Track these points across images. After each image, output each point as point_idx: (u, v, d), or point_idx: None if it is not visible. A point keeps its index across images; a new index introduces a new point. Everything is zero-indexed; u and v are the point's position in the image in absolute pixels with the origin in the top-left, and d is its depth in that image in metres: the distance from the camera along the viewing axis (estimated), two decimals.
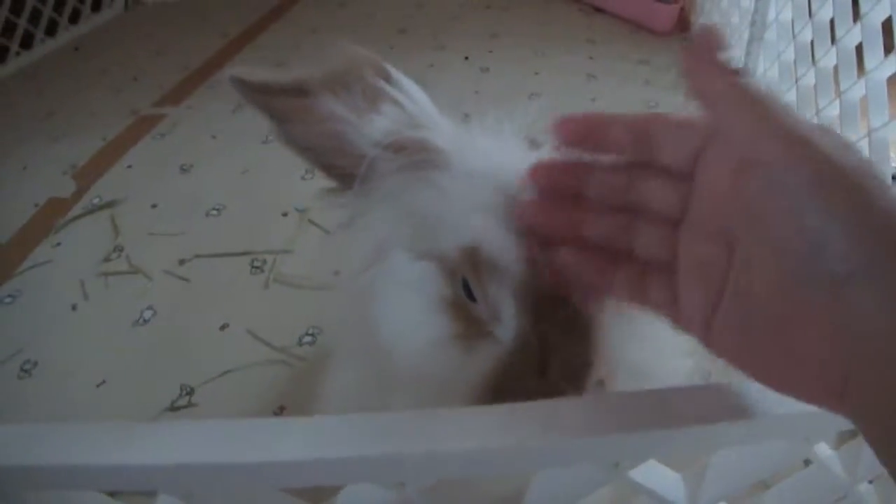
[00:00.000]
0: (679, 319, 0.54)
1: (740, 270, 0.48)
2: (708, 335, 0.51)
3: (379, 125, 0.68)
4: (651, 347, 0.68)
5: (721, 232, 0.49)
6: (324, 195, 0.74)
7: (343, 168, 0.70)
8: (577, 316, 0.61)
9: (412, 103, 0.70)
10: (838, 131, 1.52)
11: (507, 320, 0.62)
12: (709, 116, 0.50)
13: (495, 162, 0.64)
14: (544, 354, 0.60)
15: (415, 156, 0.66)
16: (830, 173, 0.43)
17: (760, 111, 0.46)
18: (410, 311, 0.67)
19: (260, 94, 0.70)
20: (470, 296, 0.64)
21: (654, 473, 0.63)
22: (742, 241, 0.47)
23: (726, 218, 0.49)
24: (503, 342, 0.62)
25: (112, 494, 0.63)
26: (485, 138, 0.68)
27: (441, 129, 0.68)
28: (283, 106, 0.70)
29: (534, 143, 0.70)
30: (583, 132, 0.57)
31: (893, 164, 1.40)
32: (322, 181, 0.74)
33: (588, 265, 0.58)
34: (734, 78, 0.48)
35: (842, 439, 0.69)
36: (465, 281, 0.63)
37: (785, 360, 0.46)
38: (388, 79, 0.71)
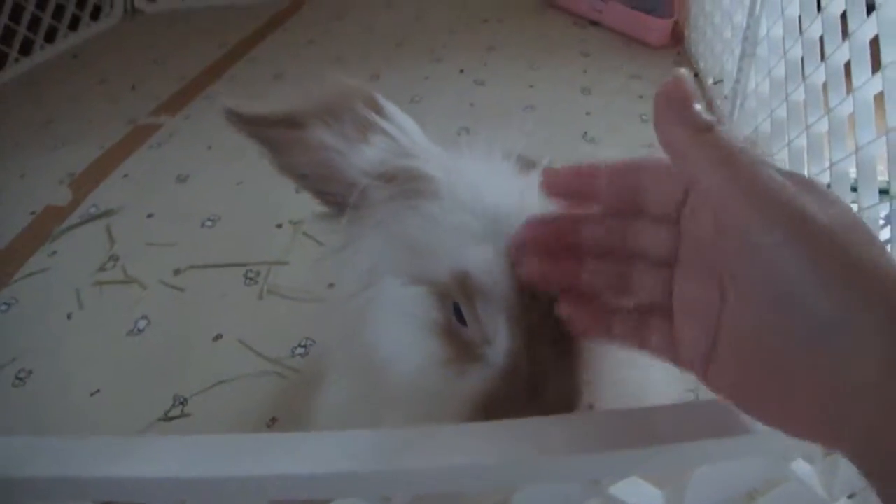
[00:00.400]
0: (680, 361, 0.54)
1: (731, 313, 0.48)
2: (707, 375, 0.51)
3: (369, 156, 0.69)
4: (641, 370, 0.69)
5: (711, 275, 0.49)
6: (318, 220, 0.75)
7: (336, 195, 0.71)
8: (567, 340, 0.62)
9: (402, 133, 0.71)
10: (826, 148, 1.54)
11: (499, 344, 0.62)
12: (681, 171, 0.50)
13: (485, 189, 0.65)
14: (535, 379, 0.61)
15: (405, 185, 0.67)
16: (806, 230, 0.43)
17: (732, 171, 0.45)
18: (402, 335, 0.68)
19: (253, 126, 0.71)
20: (461, 320, 0.64)
21: (635, 490, 0.64)
22: (728, 287, 0.47)
23: (713, 264, 0.49)
24: (494, 366, 0.63)
25: None
26: (475, 164, 0.69)
27: (431, 157, 0.69)
28: (275, 137, 0.71)
29: (526, 164, 0.71)
30: (570, 185, 0.58)
31: (881, 179, 1.41)
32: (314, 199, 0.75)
33: (587, 313, 0.58)
34: (705, 133, 0.47)
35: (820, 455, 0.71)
36: (456, 305, 0.64)
37: (781, 400, 0.46)
38: (378, 110, 0.72)
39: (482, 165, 0.69)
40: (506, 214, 0.63)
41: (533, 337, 0.62)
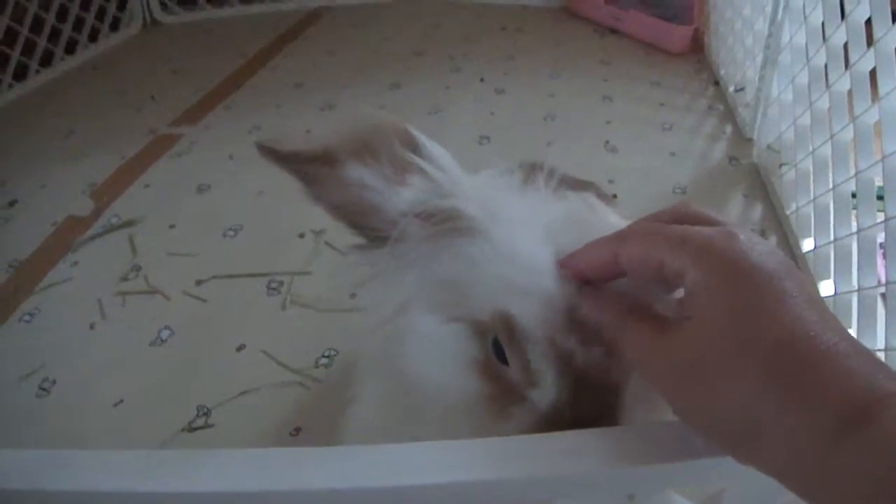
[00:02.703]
0: None
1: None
2: None
3: (406, 196, 0.68)
4: None
5: None
6: (352, 251, 0.74)
7: (372, 229, 0.71)
8: (613, 388, 0.61)
9: (440, 171, 0.69)
10: (852, 156, 1.53)
11: (544, 392, 0.61)
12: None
13: (527, 230, 0.64)
14: (579, 422, 0.60)
15: (443, 224, 0.66)
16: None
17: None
18: (440, 371, 0.67)
19: (287, 162, 0.71)
20: (501, 358, 0.64)
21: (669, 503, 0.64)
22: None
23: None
24: (538, 412, 0.62)
25: None
26: (515, 202, 0.69)
27: (469, 195, 0.68)
28: (311, 172, 0.70)
29: (573, 183, 0.70)
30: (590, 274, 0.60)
31: None
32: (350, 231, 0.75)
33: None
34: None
35: None
36: (496, 343, 0.63)
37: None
38: (415, 147, 0.70)
39: (523, 202, 0.69)
40: (547, 258, 0.62)
41: (578, 385, 0.61)
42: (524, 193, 0.71)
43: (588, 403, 0.60)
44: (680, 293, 0.53)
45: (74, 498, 0.52)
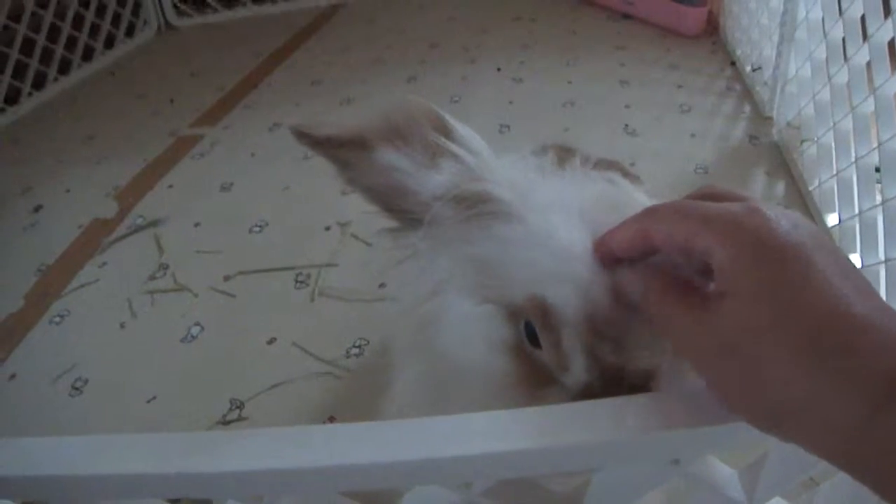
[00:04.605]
0: None
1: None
2: None
3: (439, 180, 0.68)
4: None
5: None
6: (386, 234, 0.75)
7: (405, 212, 0.71)
8: (641, 370, 0.61)
9: (471, 155, 0.70)
10: (873, 128, 1.53)
11: (576, 371, 0.62)
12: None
13: (562, 214, 0.64)
14: None
15: (476, 207, 0.67)
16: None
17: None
18: (472, 352, 0.68)
19: (321, 147, 0.71)
20: (533, 341, 0.64)
21: (712, 469, 0.64)
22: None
23: None
24: (569, 391, 0.63)
25: (177, 502, 0.64)
26: (548, 185, 0.69)
27: (501, 179, 0.69)
28: (344, 156, 0.71)
29: (606, 165, 0.70)
30: (626, 253, 0.59)
31: None
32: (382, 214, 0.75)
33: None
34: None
35: None
36: (527, 326, 0.64)
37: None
38: (446, 132, 0.71)
39: (554, 185, 0.70)
40: (583, 243, 0.62)
41: (609, 370, 0.61)
42: (556, 176, 0.71)
43: (619, 388, 0.60)
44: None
45: (121, 481, 0.53)
